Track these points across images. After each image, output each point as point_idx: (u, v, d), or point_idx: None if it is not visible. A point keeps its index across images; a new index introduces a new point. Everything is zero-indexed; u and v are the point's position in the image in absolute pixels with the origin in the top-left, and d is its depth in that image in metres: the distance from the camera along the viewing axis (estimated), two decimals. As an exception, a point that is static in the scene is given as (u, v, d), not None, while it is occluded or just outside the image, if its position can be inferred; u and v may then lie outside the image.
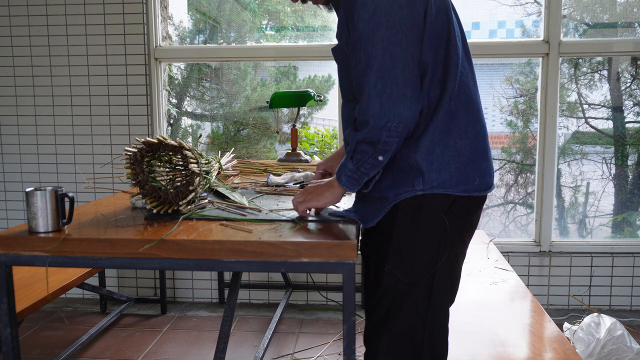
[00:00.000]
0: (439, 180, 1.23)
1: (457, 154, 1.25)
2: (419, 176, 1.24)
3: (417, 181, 1.24)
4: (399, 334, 1.28)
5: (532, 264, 3.02)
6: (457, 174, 1.25)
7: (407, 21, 1.16)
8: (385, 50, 1.15)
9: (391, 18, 1.15)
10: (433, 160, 1.23)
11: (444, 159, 1.24)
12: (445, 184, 1.24)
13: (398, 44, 1.15)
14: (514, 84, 3.27)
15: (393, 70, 1.15)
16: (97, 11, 3.00)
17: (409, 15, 1.16)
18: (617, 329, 2.22)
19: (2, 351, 1.28)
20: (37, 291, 2.05)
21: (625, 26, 3.15)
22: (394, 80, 1.15)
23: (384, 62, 1.15)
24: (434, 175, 1.23)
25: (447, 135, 1.24)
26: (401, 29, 1.15)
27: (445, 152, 1.24)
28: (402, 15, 1.15)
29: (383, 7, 1.15)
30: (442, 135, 1.24)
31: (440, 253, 1.26)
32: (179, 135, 3.48)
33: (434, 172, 1.23)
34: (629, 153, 3.22)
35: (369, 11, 1.16)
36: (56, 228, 1.30)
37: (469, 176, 1.26)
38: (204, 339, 2.69)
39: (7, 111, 3.13)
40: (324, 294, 3.10)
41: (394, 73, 1.15)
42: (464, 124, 1.26)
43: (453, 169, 1.24)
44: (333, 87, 3.43)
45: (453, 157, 1.25)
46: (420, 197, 1.24)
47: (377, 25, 1.15)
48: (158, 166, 1.53)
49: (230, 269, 1.23)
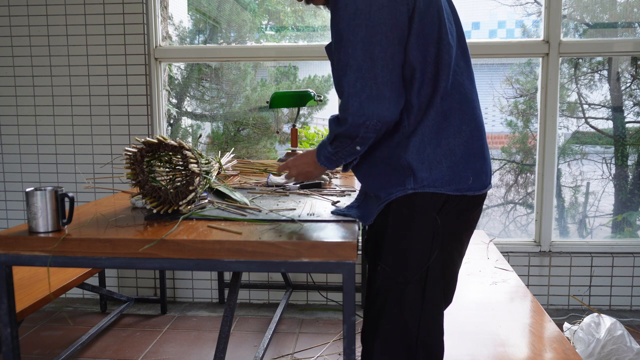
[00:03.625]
0: (430, 179, 1.24)
1: (450, 153, 1.25)
2: (410, 175, 1.24)
3: (408, 180, 1.24)
4: (393, 332, 1.28)
5: (532, 264, 3.02)
6: (449, 173, 1.25)
7: (388, 22, 1.17)
8: (364, 50, 1.16)
9: (371, 18, 1.16)
10: (424, 159, 1.24)
11: (435, 158, 1.24)
12: (436, 182, 1.24)
13: (378, 44, 1.16)
14: (514, 84, 3.27)
15: (372, 70, 1.16)
16: (97, 11, 3.00)
17: (389, 16, 1.17)
18: (617, 329, 2.22)
19: (2, 351, 1.28)
20: (37, 291, 2.05)
21: (625, 26, 3.15)
22: (374, 80, 1.17)
23: (363, 62, 1.17)
24: (425, 174, 1.24)
25: (438, 135, 1.25)
26: (381, 29, 1.16)
27: (437, 151, 1.24)
28: (383, 16, 1.16)
29: (364, 9, 1.16)
30: (433, 134, 1.24)
31: (432, 252, 1.27)
32: (179, 135, 3.48)
33: (425, 171, 1.24)
34: (629, 153, 3.22)
35: (350, 12, 1.17)
36: (56, 228, 1.30)
37: (461, 175, 1.26)
38: (204, 339, 2.69)
39: (7, 111, 3.13)
40: (324, 294, 3.10)
41: (374, 73, 1.16)
42: (457, 123, 1.26)
43: (445, 168, 1.24)
44: (333, 87, 3.42)
45: (445, 156, 1.25)
46: (412, 196, 1.24)
47: (357, 27, 1.17)
48: (158, 166, 1.53)
49: (230, 269, 1.23)
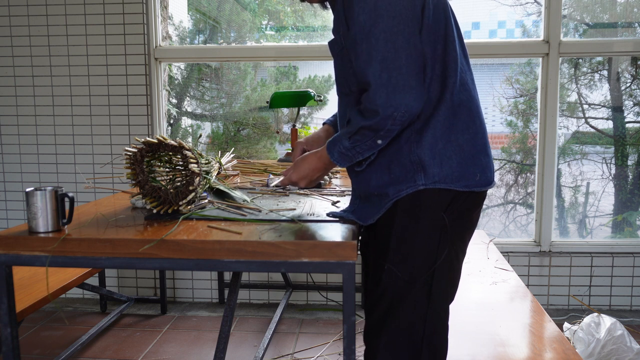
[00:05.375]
0: (441, 175, 1.23)
1: (459, 149, 1.25)
2: (421, 171, 1.23)
3: (418, 176, 1.23)
4: (399, 332, 1.28)
5: (532, 264, 3.02)
6: (459, 168, 1.25)
7: (408, 12, 1.17)
8: (387, 40, 1.15)
9: (392, 9, 1.15)
10: (435, 154, 1.23)
11: (446, 153, 1.24)
12: (447, 178, 1.24)
13: (400, 33, 1.15)
14: (514, 84, 3.27)
15: (397, 60, 1.15)
16: (97, 11, 3.00)
17: (409, 7, 1.17)
18: (617, 329, 2.22)
19: (2, 351, 1.28)
20: (37, 291, 2.05)
21: (625, 26, 3.15)
22: (398, 70, 1.15)
23: (387, 53, 1.15)
24: (436, 169, 1.23)
25: (449, 130, 1.24)
26: (402, 19, 1.16)
27: (447, 147, 1.24)
28: (403, 6, 1.16)
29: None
30: (444, 129, 1.24)
31: (439, 251, 1.26)
32: (179, 135, 3.48)
33: (436, 166, 1.23)
34: (629, 153, 3.22)
35: (370, 3, 1.16)
36: (56, 228, 1.30)
37: (470, 171, 1.26)
38: (204, 339, 2.69)
39: (7, 111, 3.13)
40: (324, 294, 3.10)
41: (398, 63, 1.15)
42: (465, 119, 1.26)
43: (455, 163, 1.24)
44: (333, 87, 3.43)
45: (455, 152, 1.25)
46: (421, 193, 1.24)
47: (378, 17, 1.15)
48: (158, 166, 1.52)
49: (230, 269, 1.23)
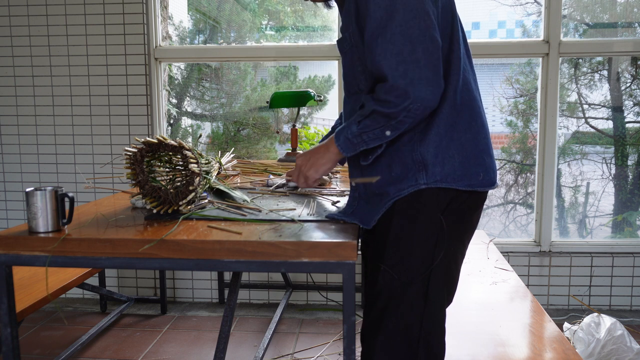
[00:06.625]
0: (443, 173, 1.23)
1: (462, 148, 1.25)
2: (422, 170, 1.23)
3: (420, 175, 1.23)
4: (395, 332, 1.27)
5: (532, 264, 3.02)
6: (461, 168, 1.24)
7: (423, 7, 1.17)
8: (404, 33, 1.15)
9: (408, 3, 1.16)
10: (438, 153, 1.23)
11: (449, 152, 1.24)
12: (448, 177, 1.23)
13: (417, 27, 1.16)
14: (514, 84, 3.27)
15: (413, 53, 1.15)
16: (97, 11, 3.00)
17: (424, 2, 1.18)
18: (617, 329, 2.22)
19: (2, 351, 1.28)
20: (37, 291, 2.05)
21: (625, 26, 3.15)
22: (415, 63, 1.15)
23: (403, 46, 1.15)
24: (437, 168, 1.23)
25: (452, 128, 1.24)
26: (419, 13, 1.16)
27: (450, 146, 1.24)
28: (419, 1, 1.17)
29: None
30: (448, 128, 1.24)
31: (436, 253, 1.26)
32: (179, 135, 3.48)
33: (438, 165, 1.23)
34: (629, 153, 3.22)
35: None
36: (56, 228, 1.30)
37: (472, 171, 1.26)
38: (204, 339, 2.69)
39: (7, 111, 3.13)
40: (324, 294, 3.10)
41: (415, 56, 1.15)
42: (467, 118, 1.26)
43: (457, 162, 1.24)
44: (333, 87, 3.43)
45: (457, 151, 1.24)
46: (420, 193, 1.24)
47: (395, 11, 1.16)
48: (158, 166, 1.52)
49: (230, 269, 1.23)
